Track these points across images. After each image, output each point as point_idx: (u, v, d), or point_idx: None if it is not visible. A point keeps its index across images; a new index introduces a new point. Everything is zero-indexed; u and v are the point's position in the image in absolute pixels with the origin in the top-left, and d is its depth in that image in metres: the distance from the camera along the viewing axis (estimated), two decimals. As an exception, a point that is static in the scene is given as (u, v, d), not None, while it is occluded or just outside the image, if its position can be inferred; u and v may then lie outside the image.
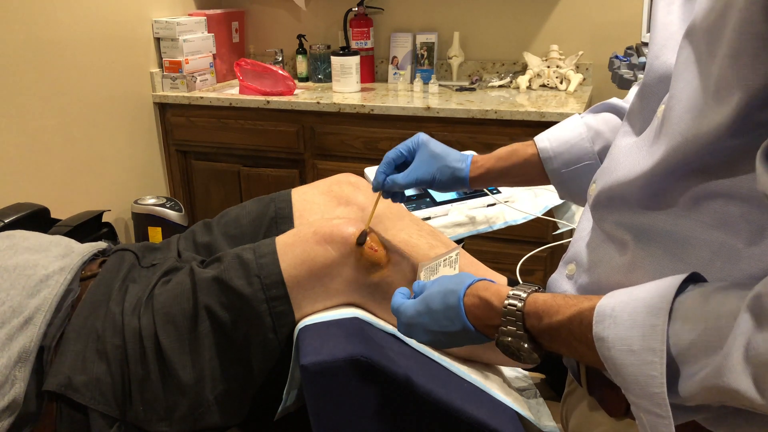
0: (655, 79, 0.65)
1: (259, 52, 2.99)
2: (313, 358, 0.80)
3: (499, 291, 0.67)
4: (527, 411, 0.94)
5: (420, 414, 0.84)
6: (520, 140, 0.96)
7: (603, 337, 0.55)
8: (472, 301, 0.69)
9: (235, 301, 0.90)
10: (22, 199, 1.90)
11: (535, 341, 0.64)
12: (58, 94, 2.15)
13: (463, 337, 0.70)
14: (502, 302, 0.66)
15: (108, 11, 2.32)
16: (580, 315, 0.59)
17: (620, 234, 0.63)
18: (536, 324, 0.63)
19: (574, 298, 0.61)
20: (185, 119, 2.58)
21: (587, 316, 0.57)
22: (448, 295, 0.71)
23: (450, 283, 0.73)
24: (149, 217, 2.35)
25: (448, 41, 2.67)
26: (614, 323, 0.54)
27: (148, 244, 1.13)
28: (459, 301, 0.70)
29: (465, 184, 0.94)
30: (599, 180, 0.68)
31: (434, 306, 0.72)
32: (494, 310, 0.66)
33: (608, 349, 0.54)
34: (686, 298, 0.52)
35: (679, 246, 0.58)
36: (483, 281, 0.71)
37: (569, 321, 0.60)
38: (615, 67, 2.09)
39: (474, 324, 0.69)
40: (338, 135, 2.40)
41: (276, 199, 1.12)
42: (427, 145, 0.94)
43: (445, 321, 0.71)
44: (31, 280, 0.96)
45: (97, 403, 0.89)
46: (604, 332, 0.55)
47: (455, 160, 0.94)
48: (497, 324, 0.66)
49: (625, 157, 0.64)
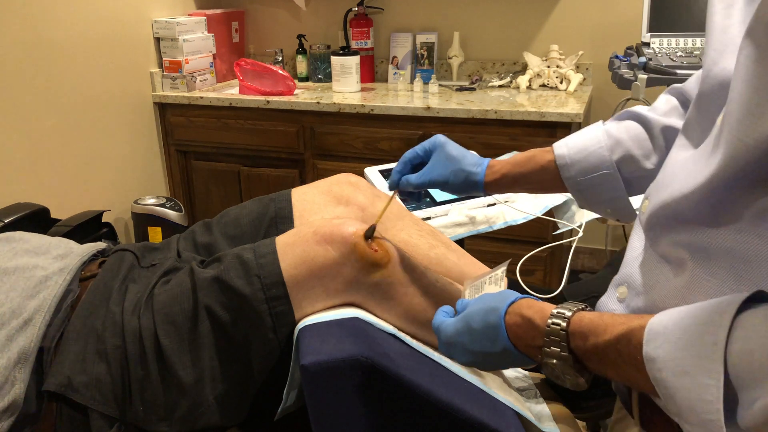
0: (714, 86, 0.60)
1: (259, 52, 2.99)
2: (313, 358, 0.80)
3: (543, 309, 0.63)
4: (527, 411, 0.94)
5: (420, 414, 0.84)
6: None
7: (653, 357, 0.50)
8: (513, 320, 0.65)
9: (235, 301, 0.90)
10: (22, 199, 1.90)
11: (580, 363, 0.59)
12: (58, 94, 2.15)
13: (505, 358, 0.66)
14: (545, 321, 0.61)
15: (108, 11, 2.32)
16: (629, 334, 0.54)
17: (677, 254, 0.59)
18: (581, 344, 0.59)
19: (623, 317, 0.56)
20: (185, 119, 2.58)
21: (637, 335, 0.53)
22: (489, 313, 0.67)
23: (492, 301, 0.68)
24: (149, 217, 2.35)
25: (448, 41, 2.67)
26: (666, 342, 0.50)
27: (148, 244, 1.13)
28: (500, 319, 0.65)
29: (479, 189, 0.92)
30: (652, 196, 0.64)
31: (474, 325, 0.68)
32: (537, 330, 0.62)
33: (659, 370, 0.50)
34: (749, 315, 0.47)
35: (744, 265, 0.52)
36: (526, 299, 0.66)
37: (617, 340, 0.55)
38: (615, 67, 2.09)
39: (516, 344, 0.65)
40: (338, 135, 2.39)
41: (276, 199, 1.12)
42: (444, 147, 0.92)
43: (485, 341, 0.67)
44: (30, 281, 0.96)
45: (97, 404, 0.89)
46: (654, 352, 0.50)
47: (471, 164, 0.91)
48: (540, 345, 0.62)
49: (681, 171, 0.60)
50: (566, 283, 1.14)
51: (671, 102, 0.84)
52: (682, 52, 2.02)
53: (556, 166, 0.86)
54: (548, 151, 0.88)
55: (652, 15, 2.09)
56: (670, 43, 2.07)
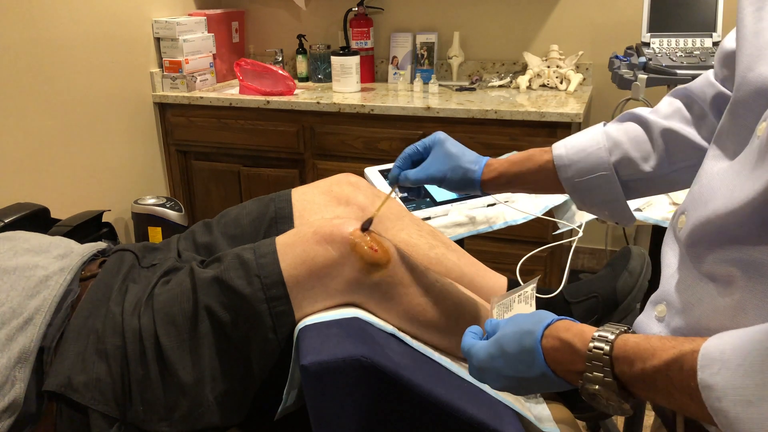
0: (750, 93, 0.58)
1: (259, 52, 2.99)
2: (313, 358, 0.80)
3: (583, 332, 0.60)
4: (527, 411, 0.94)
5: (420, 414, 0.84)
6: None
7: (710, 384, 0.48)
8: (551, 344, 0.62)
9: (235, 301, 0.90)
10: (22, 199, 1.90)
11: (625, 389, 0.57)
12: (58, 94, 2.15)
13: (542, 383, 0.64)
14: (586, 345, 0.59)
15: (108, 11, 2.32)
16: (680, 359, 0.51)
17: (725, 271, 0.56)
18: (627, 370, 0.56)
19: (672, 340, 0.54)
20: (185, 119, 2.58)
21: (689, 360, 0.50)
22: (524, 336, 0.64)
23: (526, 323, 0.65)
24: (149, 217, 2.35)
25: (448, 41, 2.67)
26: (724, 368, 0.47)
27: (148, 244, 1.13)
28: (536, 343, 0.63)
29: (476, 186, 0.91)
30: (691, 211, 0.61)
31: (509, 348, 0.65)
32: (577, 354, 0.59)
33: (718, 399, 0.47)
34: None
35: None
36: (563, 320, 0.64)
37: (667, 366, 0.52)
38: (615, 67, 2.09)
39: (554, 369, 0.62)
40: (338, 135, 2.40)
41: (276, 199, 1.12)
42: (444, 144, 0.93)
43: (521, 366, 0.64)
44: (30, 281, 0.96)
45: (97, 403, 0.89)
46: (711, 379, 0.48)
47: (469, 161, 0.91)
48: (581, 370, 0.59)
49: (721, 184, 0.57)
50: (566, 283, 1.14)
51: (674, 104, 0.82)
52: (682, 52, 2.02)
53: (554, 166, 0.85)
54: (546, 151, 0.87)
55: (652, 15, 2.09)
56: (670, 43, 2.07)
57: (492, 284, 1.13)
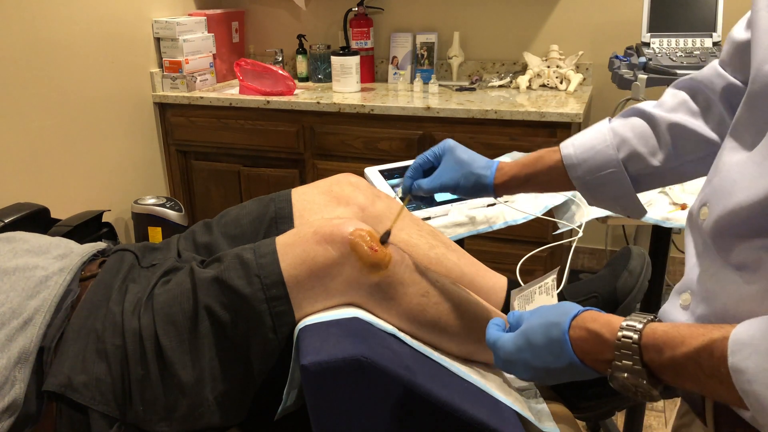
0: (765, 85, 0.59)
1: (259, 52, 2.99)
2: (313, 358, 0.80)
3: (610, 322, 0.62)
4: (527, 411, 0.94)
5: (420, 414, 0.84)
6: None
7: (742, 369, 0.49)
8: (579, 335, 0.64)
9: (235, 301, 0.90)
10: (22, 199, 1.90)
11: (654, 376, 0.58)
12: (58, 94, 2.15)
13: (571, 372, 0.65)
14: (614, 335, 0.60)
15: (108, 11, 2.32)
16: (710, 346, 0.52)
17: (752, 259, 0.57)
18: (656, 358, 0.57)
19: (701, 327, 0.55)
20: (185, 119, 2.58)
21: (719, 346, 0.51)
22: (551, 328, 0.66)
23: (552, 315, 0.67)
24: (149, 217, 2.35)
25: (448, 41, 2.67)
26: (755, 353, 0.48)
27: (148, 244, 1.13)
28: (564, 334, 0.64)
29: (489, 191, 0.92)
30: (714, 204, 0.62)
31: (536, 340, 0.67)
32: (606, 344, 0.61)
33: (749, 382, 0.49)
34: None
35: None
36: (590, 311, 0.65)
37: (697, 353, 0.53)
38: (615, 67, 2.09)
39: (582, 359, 0.64)
40: (338, 135, 2.40)
41: (276, 199, 1.12)
42: (454, 151, 0.93)
43: (549, 357, 0.66)
44: (30, 281, 0.96)
45: (97, 403, 0.89)
46: (742, 363, 0.49)
47: (480, 167, 0.92)
48: (610, 359, 0.61)
49: (741, 176, 0.58)
50: (566, 283, 1.14)
51: (678, 96, 0.82)
52: (682, 52, 2.02)
53: (564, 165, 0.86)
54: (555, 151, 0.88)
55: (652, 15, 2.09)
56: (670, 43, 2.07)
57: (492, 284, 1.13)
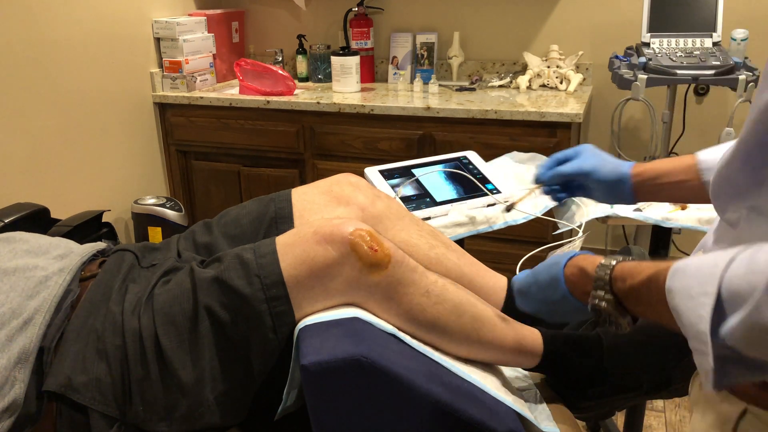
0: None
1: (259, 52, 2.99)
2: (313, 358, 0.80)
3: (595, 261, 0.73)
4: (527, 411, 0.94)
5: (420, 414, 0.84)
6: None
7: (671, 288, 0.57)
8: (571, 271, 0.76)
9: (235, 301, 0.90)
10: (22, 199, 1.90)
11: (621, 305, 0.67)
12: (58, 94, 2.15)
13: (564, 304, 0.77)
14: (595, 269, 0.71)
15: (108, 11, 2.32)
16: (657, 273, 0.61)
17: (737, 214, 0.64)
18: (621, 286, 0.67)
19: (658, 262, 0.63)
20: (185, 119, 2.58)
21: (664, 273, 0.59)
22: (552, 266, 0.79)
23: (556, 257, 0.81)
24: (149, 217, 2.35)
25: (448, 41, 2.67)
26: (683, 275, 0.56)
27: (148, 244, 1.13)
28: (560, 270, 0.77)
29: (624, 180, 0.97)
30: None
31: (540, 277, 0.81)
32: (588, 277, 0.72)
33: (673, 298, 0.56)
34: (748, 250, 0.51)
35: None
36: (585, 254, 0.77)
37: (648, 280, 0.62)
38: (615, 67, 2.09)
39: (572, 292, 0.76)
40: (338, 135, 2.40)
41: (276, 199, 1.12)
42: (592, 148, 1.02)
43: (548, 290, 0.79)
44: (30, 281, 0.96)
45: (97, 404, 0.89)
46: (673, 284, 0.57)
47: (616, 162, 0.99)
48: (590, 290, 0.71)
49: None
50: (566, 283, 1.14)
51: None
52: (682, 52, 2.02)
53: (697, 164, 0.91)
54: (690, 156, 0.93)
55: (652, 15, 2.09)
56: (670, 43, 2.07)
57: (492, 284, 1.13)
